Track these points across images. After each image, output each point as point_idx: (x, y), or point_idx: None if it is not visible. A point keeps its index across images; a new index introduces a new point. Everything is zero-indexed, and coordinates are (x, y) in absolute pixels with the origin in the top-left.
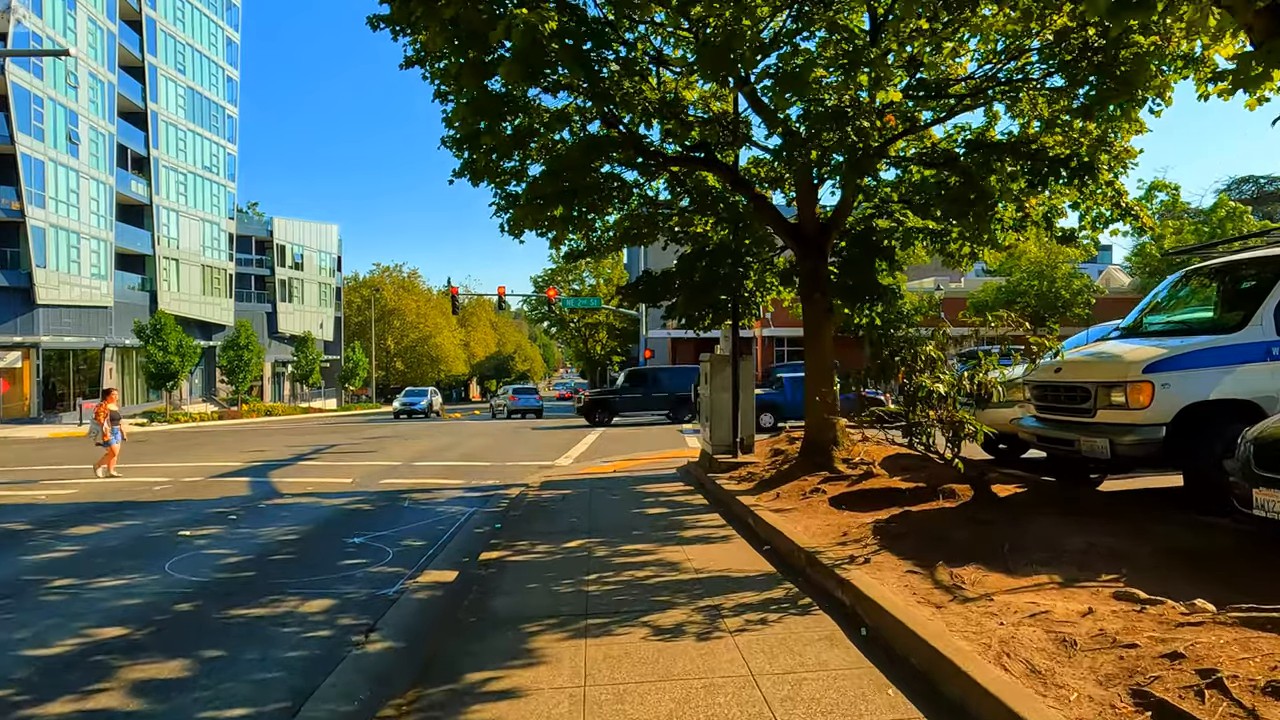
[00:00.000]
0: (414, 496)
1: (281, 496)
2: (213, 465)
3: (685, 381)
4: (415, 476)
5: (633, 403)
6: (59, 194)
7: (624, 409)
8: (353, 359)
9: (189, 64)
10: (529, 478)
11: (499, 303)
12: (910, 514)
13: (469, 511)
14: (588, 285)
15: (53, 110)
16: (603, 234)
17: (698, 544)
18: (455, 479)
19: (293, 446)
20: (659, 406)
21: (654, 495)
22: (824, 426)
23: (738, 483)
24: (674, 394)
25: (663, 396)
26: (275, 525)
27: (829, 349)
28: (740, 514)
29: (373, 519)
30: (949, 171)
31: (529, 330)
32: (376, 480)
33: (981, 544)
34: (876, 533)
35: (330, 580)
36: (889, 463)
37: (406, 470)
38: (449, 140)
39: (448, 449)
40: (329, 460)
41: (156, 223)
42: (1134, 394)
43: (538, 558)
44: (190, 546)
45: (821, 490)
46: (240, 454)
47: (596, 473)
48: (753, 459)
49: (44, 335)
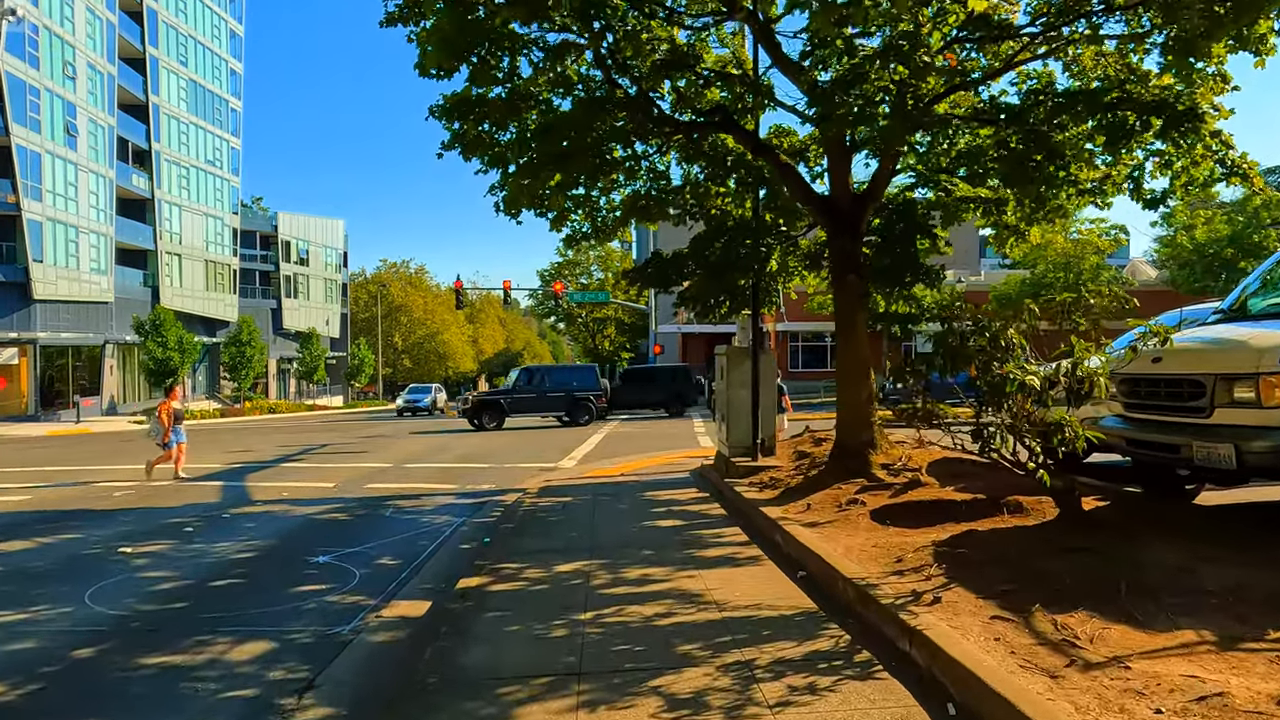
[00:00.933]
0: (399, 504)
1: (252, 504)
2: (189, 467)
3: (585, 380)
4: (405, 480)
5: (525, 404)
6: (57, 187)
7: (516, 410)
8: (358, 355)
9: (191, 56)
10: (528, 482)
11: (505, 297)
12: (976, 534)
13: (456, 522)
14: (595, 279)
15: (50, 101)
16: (608, 214)
17: (718, 567)
18: (448, 483)
19: (284, 446)
20: (555, 408)
21: (665, 504)
22: (859, 426)
23: (759, 490)
24: (571, 394)
25: (559, 397)
26: (234, 539)
27: (863, 337)
28: (765, 529)
29: (347, 531)
30: (1011, 129)
31: (538, 327)
32: (361, 485)
33: (1086, 579)
34: (940, 559)
35: (277, 614)
36: (937, 469)
37: (396, 473)
38: (437, 109)
39: (446, 449)
40: (316, 461)
41: (159, 217)
42: (1268, 389)
43: (526, 586)
44: (125, 568)
45: (860, 501)
46: (226, 454)
47: (601, 476)
48: (775, 462)
49: (41, 331)
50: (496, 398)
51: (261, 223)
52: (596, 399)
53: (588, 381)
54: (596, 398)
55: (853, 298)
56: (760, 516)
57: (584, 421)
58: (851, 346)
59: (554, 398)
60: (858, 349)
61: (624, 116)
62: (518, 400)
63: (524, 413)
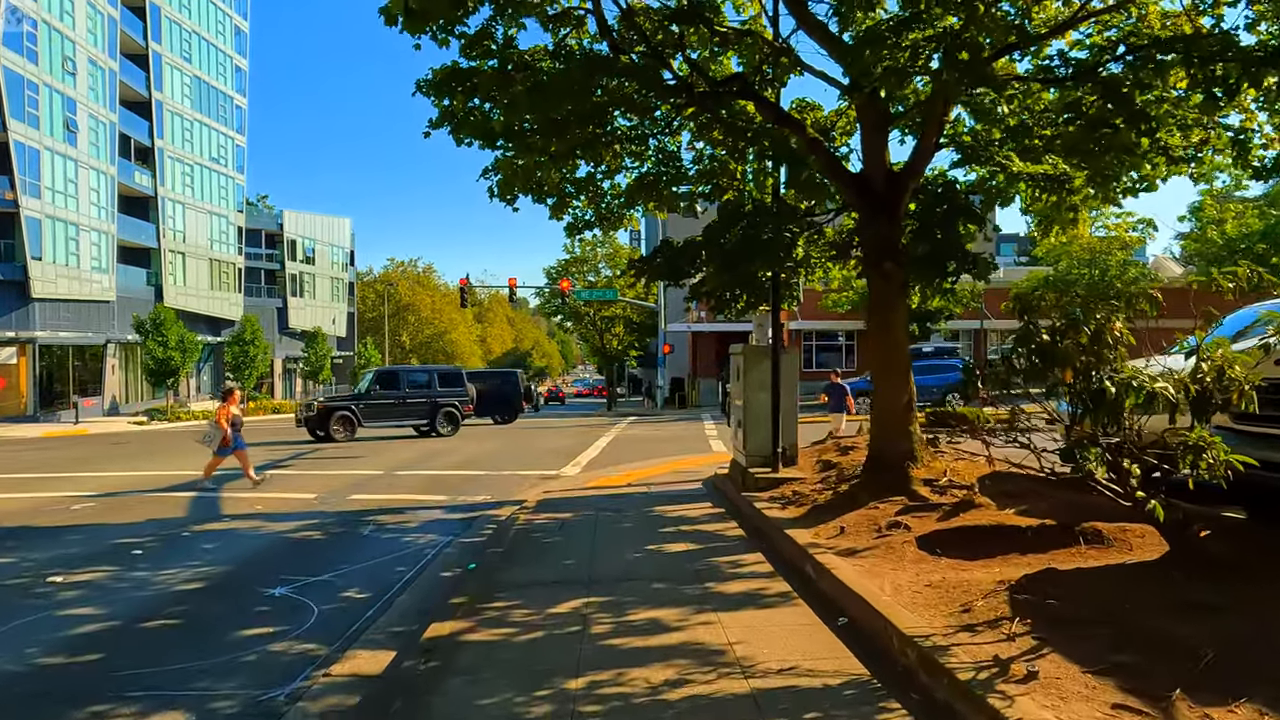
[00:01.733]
0: (380, 520)
1: (220, 519)
2: (166, 474)
3: (450, 385)
4: (393, 490)
5: (382, 411)
6: (56, 184)
7: (371, 418)
8: (365, 355)
9: (195, 52)
10: (526, 492)
11: (510, 295)
12: (1059, 575)
13: (442, 543)
14: (604, 276)
15: (49, 97)
16: (612, 199)
17: (741, 609)
18: (439, 493)
19: (273, 450)
20: (414, 415)
21: (675, 522)
22: (897, 435)
23: (782, 507)
24: (433, 400)
25: (419, 404)
26: (185, 565)
27: (902, 334)
28: (793, 557)
29: (317, 554)
30: (1089, 88)
31: (548, 326)
32: (345, 495)
33: (1235, 650)
34: (1019, 609)
35: (207, 670)
36: (989, 486)
37: (386, 482)
38: (425, 84)
39: (444, 453)
40: (302, 468)
41: (162, 215)
42: None
43: (508, 635)
44: (48, 603)
45: (903, 525)
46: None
47: (606, 486)
48: (798, 473)
49: (40, 330)
50: (346, 404)
51: (267, 221)
52: (463, 405)
53: (453, 386)
54: (463, 404)
55: (890, 288)
56: (786, 541)
57: (447, 432)
58: (888, 343)
59: (415, 404)
60: (895, 346)
61: (628, 80)
62: (373, 407)
63: (380, 421)
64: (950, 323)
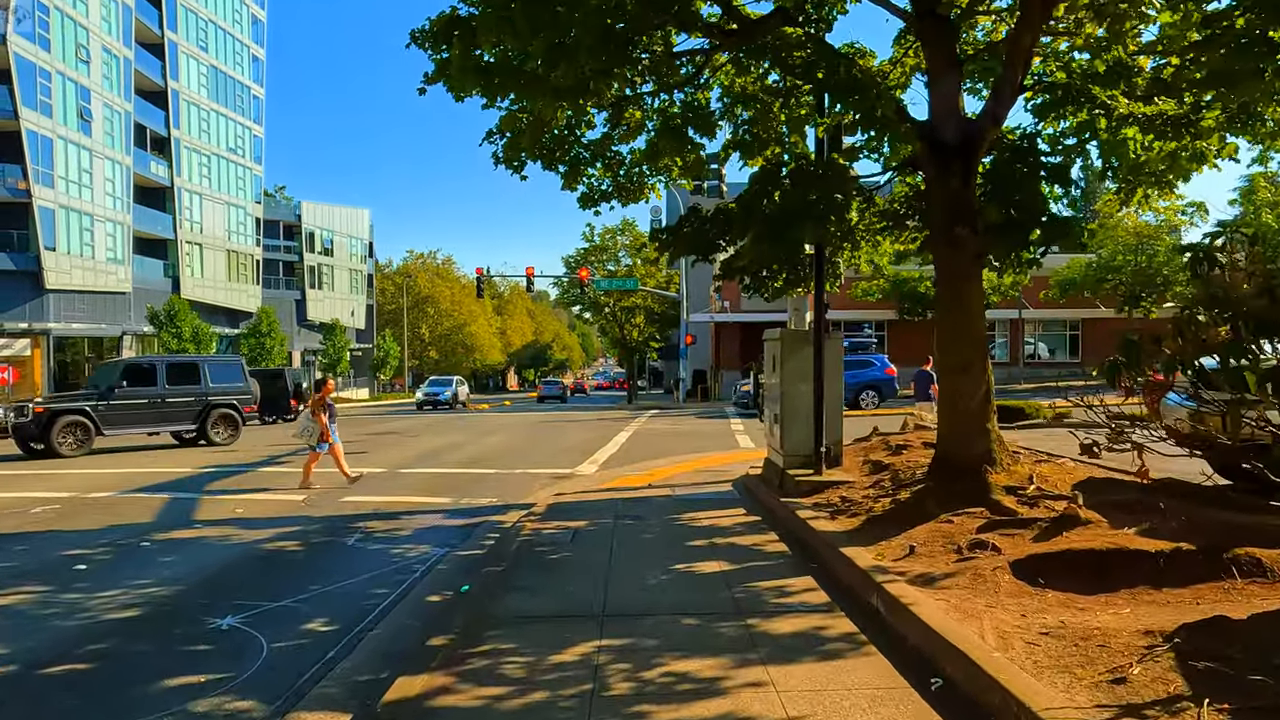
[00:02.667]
0: (370, 527)
1: (190, 525)
2: (151, 472)
3: (225, 380)
4: (393, 491)
5: (130, 413)
6: (70, 173)
7: (115, 424)
8: (383, 347)
9: (212, 42)
10: (537, 494)
11: (527, 284)
12: (1233, 626)
13: (434, 557)
14: (624, 265)
15: (62, 85)
16: (631, 166)
17: (798, 660)
18: (443, 495)
19: (276, 445)
20: (177, 418)
21: (705, 532)
22: (972, 433)
23: (830, 517)
24: (203, 398)
25: (184, 403)
26: (131, 584)
27: (978, 312)
28: (854, 584)
29: (287, 571)
30: None
31: (568, 319)
32: (338, 497)
33: None
34: (1197, 681)
35: None
36: (1092, 497)
37: (387, 481)
38: (420, 34)
39: (453, 449)
40: (297, 466)
41: (179, 206)
42: None
43: (496, 698)
44: None
45: (990, 545)
46: (209, 454)
47: (625, 488)
48: (844, 476)
49: (54, 322)
50: (78, 406)
51: (285, 212)
52: (243, 406)
53: (228, 381)
54: (244, 404)
55: (962, 259)
56: (842, 562)
57: (223, 439)
58: (960, 324)
59: (178, 404)
60: (969, 327)
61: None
62: (118, 409)
63: (129, 426)
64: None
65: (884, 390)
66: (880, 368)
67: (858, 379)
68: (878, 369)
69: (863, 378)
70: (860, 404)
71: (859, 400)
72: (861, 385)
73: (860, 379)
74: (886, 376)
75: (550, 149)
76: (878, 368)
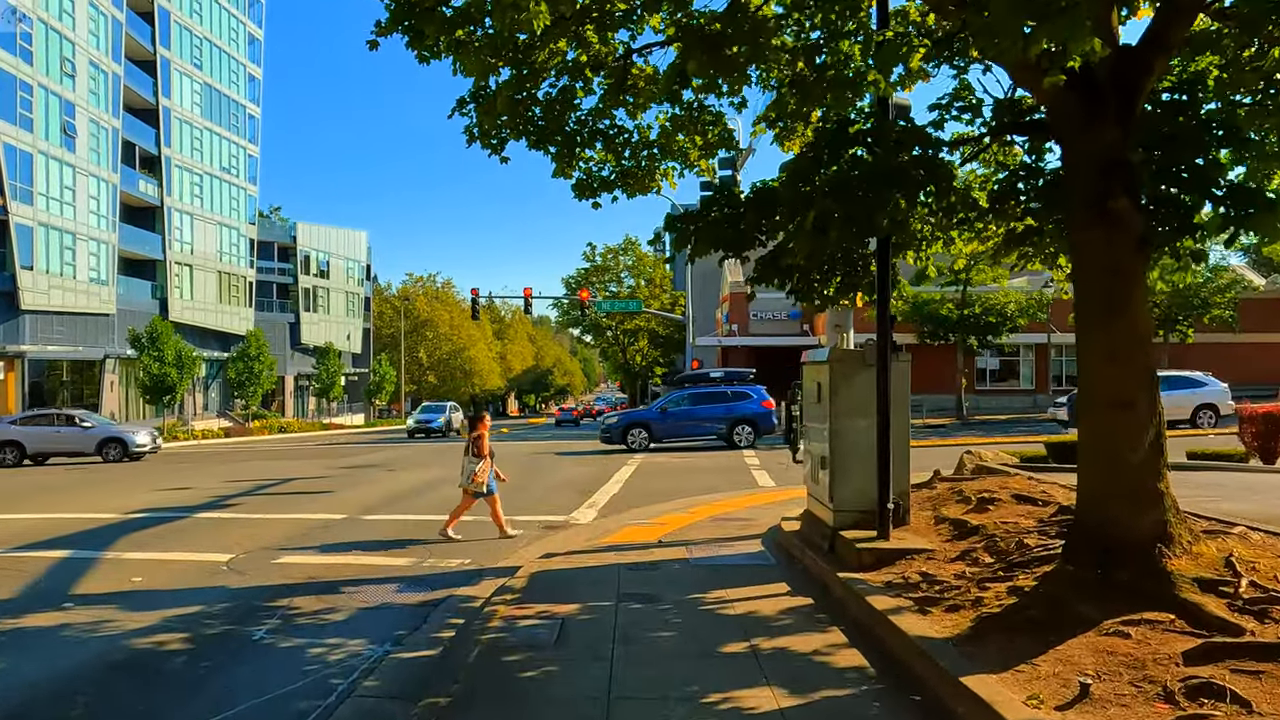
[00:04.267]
0: (297, 605)
1: (57, 605)
2: (71, 518)
3: None
4: (344, 547)
5: None
6: (51, 190)
7: None
8: (379, 372)
9: (207, 59)
10: (521, 551)
11: (525, 306)
12: None
13: (368, 658)
14: (626, 287)
15: (44, 99)
16: (640, 144)
17: None
18: (405, 551)
19: (232, 482)
20: None
21: (740, 627)
22: (1137, 494)
23: (919, 609)
24: None
25: None
26: None
27: (1144, 326)
28: None
29: (143, 691)
30: None
31: (569, 344)
32: (272, 557)
33: None
34: None
35: None
36: None
37: (342, 530)
38: None
39: (432, 488)
40: (248, 509)
41: (169, 226)
42: None
43: None
44: None
45: (1222, 690)
46: (150, 493)
47: (630, 544)
48: (919, 540)
49: (30, 344)
50: None
51: (280, 233)
52: None
53: None
54: None
55: (1121, 245)
56: (970, 702)
57: None
58: (1119, 341)
59: None
60: (1131, 346)
61: None
62: None
63: None
64: (1013, 335)
65: (760, 425)
66: (757, 400)
67: (732, 412)
68: (754, 401)
69: (737, 411)
70: (736, 440)
71: (734, 437)
72: (736, 419)
73: (735, 412)
74: (763, 410)
75: (536, 124)
76: (754, 400)
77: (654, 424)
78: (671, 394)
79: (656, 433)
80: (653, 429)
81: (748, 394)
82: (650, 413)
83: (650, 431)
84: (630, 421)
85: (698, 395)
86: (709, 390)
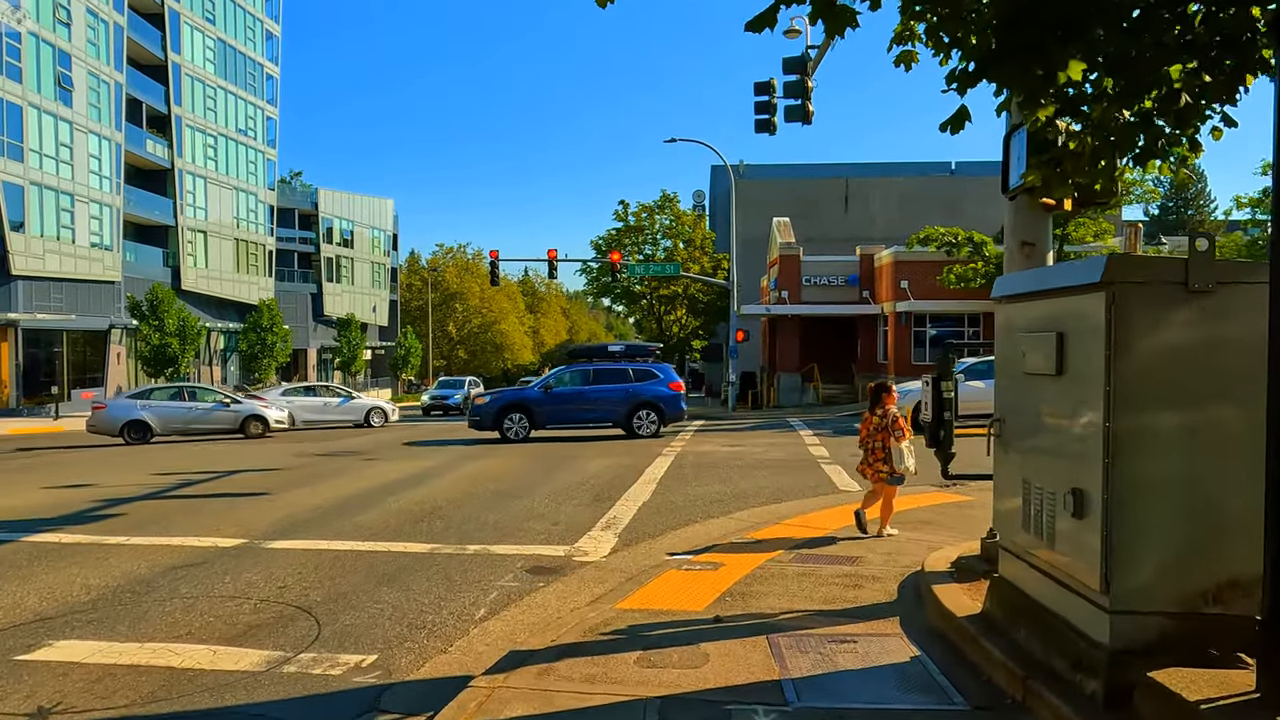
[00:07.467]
0: None
1: None
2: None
3: None
4: (171, 625)
5: None
6: (45, 147)
7: None
8: (405, 345)
9: (220, 13)
10: (474, 633)
11: (549, 270)
12: None
13: None
14: (662, 249)
15: (35, 47)
16: None
17: None
18: (263, 639)
19: (160, 475)
20: None
21: None
22: None
23: None
24: None
25: None
26: None
27: None
28: None
29: None
30: None
31: (604, 319)
32: (30, 641)
33: None
34: None
35: None
36: None
37: (210, 574)
38: None
39: (399, 489)
40: (106, 532)
41: (180, 189)
42: None
43: None
44: None
45: None
46: (66, 490)
47: (661, 625)
48: None
49: (22, 312)
50: None
51: (301, 200)
52: None
53: None
54: None
55: None
56: None
57: None
58: None
59: None
60: None
61: None
62: None
63: None
64: None
65: (667, 411)
66: (664, 380)
67: (633, 395)
68: (660, 382)
69: (640, 393)
70: (636, 428)
71: (633, 423)
72: (638, 403)
73: (637, 395)
74: (671, 393)
75: None
76: (661, 380)
77: (534, 407)
78: (558, 369)
79: (538, 418)
80: (534, 413)
81: (653, 373)
82: (531, 392)
83: (531, 416)
84: (506, 404)
85: (592, 373)
86: (607, 367)
